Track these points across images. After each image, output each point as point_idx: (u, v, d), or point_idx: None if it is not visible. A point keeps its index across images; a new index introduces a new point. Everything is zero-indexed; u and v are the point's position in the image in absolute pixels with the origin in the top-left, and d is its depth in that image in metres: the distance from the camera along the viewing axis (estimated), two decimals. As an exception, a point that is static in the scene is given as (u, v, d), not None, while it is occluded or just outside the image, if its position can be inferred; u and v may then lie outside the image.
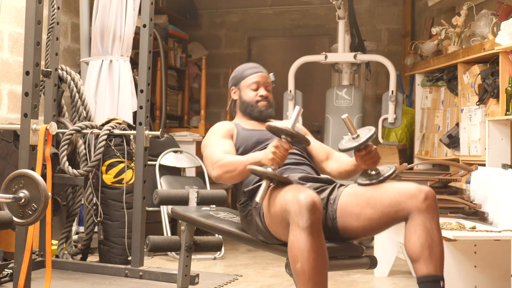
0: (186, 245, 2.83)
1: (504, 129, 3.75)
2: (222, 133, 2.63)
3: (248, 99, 2.70)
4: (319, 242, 2.02)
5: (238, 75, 2.76)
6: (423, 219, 2.10)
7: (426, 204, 2.11)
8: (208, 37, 7.16)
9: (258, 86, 2.70)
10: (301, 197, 2.03)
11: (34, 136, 2.88)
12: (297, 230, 2.01)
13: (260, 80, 2.71)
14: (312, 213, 2.01)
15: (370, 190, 2.25)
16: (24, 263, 2.79)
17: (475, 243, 2.78)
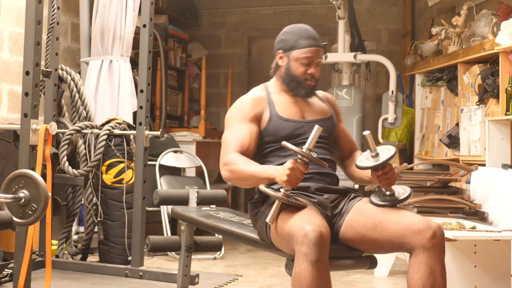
0: (186, 245, 2.83)
1: (504, 129, 3.75)
2: (249, 115, 2.37)
3: (295, 74, 2.40)
4: (326, 277, 1.99)
5: (290, 41, 2.40)
6: (428, 258, 2.06)
7: (433, 243, 2.06)
8: (208, 37, 7.16)
9: (309, 62, 2.39)
10: (309, 229, 1.98)
11: (34, 136, 2.88)
12: (304, 263, 1.97)
13: (314, 55, 2.39)
14: (320, 247, 1.97)
15: (380, 213, 2.19)
16: (24, 263, 2.79)
17: (475, 243, 2.78)
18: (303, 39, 2.38)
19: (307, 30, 2.41)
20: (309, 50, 2.37)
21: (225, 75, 6.86)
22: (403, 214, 2.15)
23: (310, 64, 2.38)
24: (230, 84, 6.14)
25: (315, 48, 2.38)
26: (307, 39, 2.38)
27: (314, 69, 2.39)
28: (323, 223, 2.05)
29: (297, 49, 2.38)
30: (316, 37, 2.40)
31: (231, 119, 2.39)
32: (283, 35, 2.44)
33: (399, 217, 2.14)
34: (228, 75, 6.22)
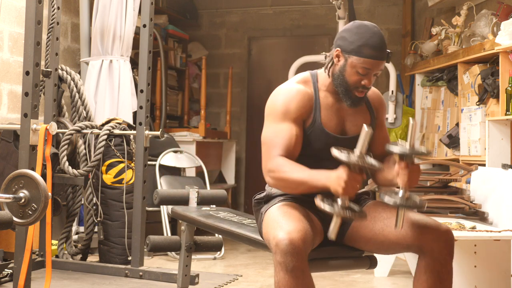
0: (186, 245, 2.83)
1: (504, 129, 3.75)
2: (294, 114, 2.16)
3: (348, 80, 2.17)
4: (306, 282, 1.96)
5: (353, 44, 2.14)
6: (435, 262, 2.05)
7: (441, 246, 2.05)
8: (208, 37, 7.16)
9: (367, 73, 2.15)
10: (279, 238, 1.94)
11: (34, 136, 2.88)
12: (280, 273, 1.95)
13: (374, 68, 2.15)
14: (293, 255, 1.93)
15: (388, 218, 2.15)
16: (24, 263, 2.79)
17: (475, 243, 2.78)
18: (368, 47, 2.12)
19: (374, 35, 2.13)
20: (370, 61, 2.13)
21: (225, 75, 6.86)
22: (412, 217, 2.12)
23: (367, 75, 2.16)
24: (230, 84, 6.14)
25: (378, 61, 2.14)
26: (371, 48, 2.12)
27: (369, 80, 2.16)
28: (296, 227, 1.98)
29: (358, 56, 2.13)
30: (382, 47, 2.13)
31: (273, 114, 2.18)
32: (347, 33, 2.17)
33: (411, 219, 2.11)
34: (228, 75, 6.22)
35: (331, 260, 2.25)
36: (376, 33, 2.14)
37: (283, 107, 2.17)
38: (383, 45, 2.14)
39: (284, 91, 2.22)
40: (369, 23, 2.17)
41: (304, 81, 2.27)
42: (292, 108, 2.17)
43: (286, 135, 2.14)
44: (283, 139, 2.13)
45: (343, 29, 2.20)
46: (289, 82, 2.29)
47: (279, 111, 2.17)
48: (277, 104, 2.19)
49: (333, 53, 2.20)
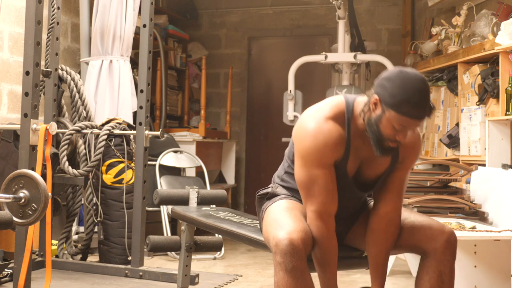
0: (186, 245, 2.83)
1: (504, 129, 3.75)
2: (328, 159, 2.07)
3: (383, 132, 2.02)
4: (305, 282, 1.98)
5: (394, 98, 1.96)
6: (438, 263, 2.09)
7: (445, 248, 2.09)
8: (208, 37, 7.16)
9: (403, 130, 2.00)
10: (279, 238, 1.96)
11: (34, 136, 2.88)
12: (280, 273, 1.97)
13: (412, 126, 2.00)
14: (292, 255, 1.95)
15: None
16: (24, 263, 2.79)
17: (475, 243, 2.78)
18: (410, 105, 1.94)
19: (418, 92, 1.94)
20: (409, 120, 1.96)
21: (225, 75, 6.86)
22: (415, 219, 2.15)
23: (402, 131, 2.00)
24: (230, 84, 6.14)
25: (418, 120, 1.97)
26: (413, 106, 1.94)
27: (404, 137, 2.01)
28: (296, 227, 1.99)
29: (396, 113, 1.95)
30: (425, 105, 1.95)
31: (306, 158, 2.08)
32: (389, 82, 1.98)
33: (411, 223, 2.14)
34: (228, 75, 6.22)
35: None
36: (421, 90, 1.95)
37: (316, 153, 2.06)
38: (426, 103, 1.96)
39: (317, 131, 2.05)
40: (414, 74, 1.97)
41: (337, 115, 2.09)
42: (326, 155, 2.06)
43: (323, 187, 2.07)
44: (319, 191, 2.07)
45: (386, 76, 2.01)
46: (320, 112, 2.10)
47: (312, 157, 2.06)
48: (309, 147, 2.06)
49: (371, 97, 2.03)
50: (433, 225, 2.11)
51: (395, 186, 2.17)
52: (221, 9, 7.12)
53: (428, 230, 2.09)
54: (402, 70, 1.99)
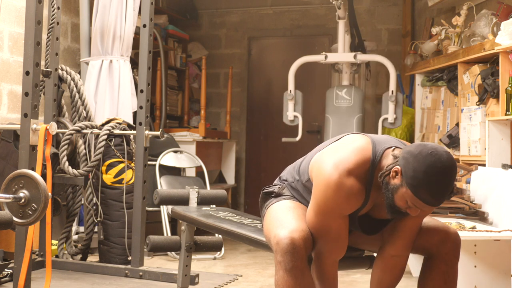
0: (186, 245, 2.83)
1: (504, 129, 3.75)
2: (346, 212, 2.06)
3: (396, 201, 1.99)
4: (305, 281, 1.99)
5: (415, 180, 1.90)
6: (442, 263, 2.12)
7: (449, 250, 2.11)
8: (208, 37, 7.16)
9: (415, 208, 1.98)
10: (280, 237, 1.97)
11: (34, 136, 2.88)
12: (280, 272, 1.98)
13: (425, 209, 1.98)
14: (293, 254, 1.96)
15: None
16: (24, 263, 2.79)
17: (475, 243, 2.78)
18: (428, 193, 1.90)
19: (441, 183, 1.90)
20: (423, 204, 1.94)
21: (225, 75, 6.86)
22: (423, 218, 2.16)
23: (415, 209, 1.97)
24: (230, 84, 6.14)
25: (432, 206, 1.96)
26: (432, 196, 1.91)
27: (415, 213, 1.98)
28: (298, 227, 2.00)
29: (413, 194, 1.92)
30: (444, 195, 1.92)
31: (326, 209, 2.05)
32: (415, 160, 1.91)
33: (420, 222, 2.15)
34: (228, 75, 6.22)
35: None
36: (444, 180, 1.90)
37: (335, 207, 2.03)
38: (446, 192, 1.92)
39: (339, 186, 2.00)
40: (444, 160, 1.89)
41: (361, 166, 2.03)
42: (344, 209, 2.04)
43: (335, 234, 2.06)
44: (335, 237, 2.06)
45: (413, 151, 1.94)
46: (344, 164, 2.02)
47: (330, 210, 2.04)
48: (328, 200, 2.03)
49: (393, 164, 1.99)
50: (438, 226, 2.14)
51: (405, 232, 2.12)
52: (221, 9, 7.12)
53: (434, 232, 2.12)
54: (434, 152, 1.91)
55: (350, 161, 2.02)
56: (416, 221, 2.11)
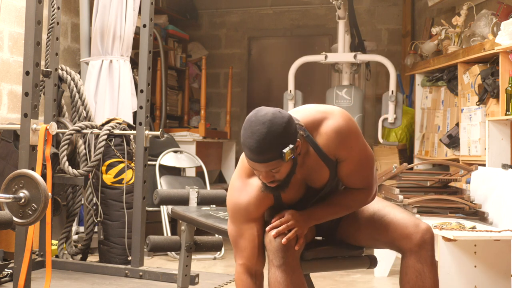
0: (186, 245, 2.83)
1: (504, 129, 3.75)
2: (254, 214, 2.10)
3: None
4: (295, 278, 2.01)
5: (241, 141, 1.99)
6: (415, 262, 2.06)
7: (420, 246, 2.05)
8: (208, 37, 7.16)
9: (258, 173, 2.01)
10: (272, 235, 2.04)
11: (34, 136, 2.88)
12: (273, 269, 2.03)
13: (258, 169, 1.97)
14: (283, 252, 2.01)
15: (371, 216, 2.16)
16: (24, 263, 2.79)
17: (475, 243, 2.78)
18: (246, 147, 1.93)
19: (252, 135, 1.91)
20: (251, 163, 1.96)
21: (225, 75, 6.86)
22: (393, 216, 2.13)
23: (259, 173, 1.99)
24: (230, 84, 6.14)
25: (257, 163, 1.93)
26: (248, 149, 1.93)
27: (265, 178, 1.98)
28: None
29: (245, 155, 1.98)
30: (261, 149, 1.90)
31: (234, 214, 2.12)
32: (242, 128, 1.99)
33: (392, 218, 2.13)
34: (228, 75, 6.22)
35: (331, 260, 2.26)
36: (256, 133, 1.91)
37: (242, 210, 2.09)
38: (261, 148, 1.89)
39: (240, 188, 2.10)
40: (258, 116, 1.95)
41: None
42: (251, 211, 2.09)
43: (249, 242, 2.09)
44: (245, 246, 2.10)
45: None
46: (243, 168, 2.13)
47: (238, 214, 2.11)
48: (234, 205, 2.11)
49: None
50: (408, 223, 2.08)
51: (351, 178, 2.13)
52: (221, 9, 7.12)
53: (403, 228, 2.07)
54: (253, 113, 1.98)
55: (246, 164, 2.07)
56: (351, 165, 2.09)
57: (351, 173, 2.12)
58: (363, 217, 2.20)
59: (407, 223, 2.09)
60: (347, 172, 2.11)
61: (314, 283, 2.35)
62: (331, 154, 2.07)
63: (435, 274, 2.08)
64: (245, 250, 2.10)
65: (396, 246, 2.11)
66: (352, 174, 2.13)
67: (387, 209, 2.18)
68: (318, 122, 2.06)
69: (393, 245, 2.13)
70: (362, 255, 2.30)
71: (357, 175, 2.13)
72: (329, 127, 2.04)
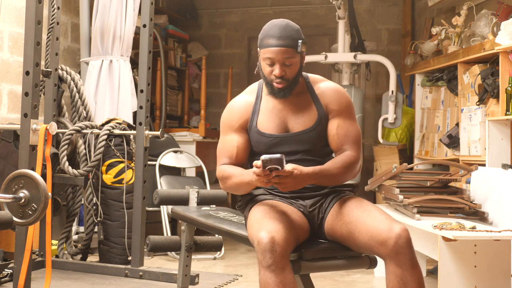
0: (186, 245, 2.83)
1: (504, 129, 3.75)
2: (235, 125, 2.34)
3: (265, 73, 2.31)
4: (284, 277, 2.00)
5: (260, 38, 2.32)
6: (395, 267, 2.01)
7: (396, 251, 1.99)
8: (208, 37, 7.16)
9: (272, 63, 2.26)
10: (260, 236, 2.04)
11: (34, 136, 2.88)
12: (261, 270, 2.04)
13: (276, 57, 2.24)
14: (272, 252, 2.01)
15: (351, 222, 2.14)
16: (24, 263, 2.79)
17: (475, 243, 2.78)
18: (268, 37, 2.26)
19: (275, 27, 2.27)
20: (270, 50, 2.24)
21: (225, 75, 6.86)
22: (368, 223, 2.09)
23: (274, 65, 2.26)
24: (230, 84, 6.14)
25: (277, 48, 2.23)
26: (271, 37, 2.25)
27: (279, 70, 2.24)
28: (278, 228, 2.05)
29: (262, 48, 2.28)
30: (282, 35, 2.25)
31: (221, 126, 2.41)
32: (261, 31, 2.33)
33: (365, 227, 2.09)
34: (228, 75, 6.22)
35: (331, 260, 2.25)
36: (277, 25, 2.28)
37: (226, 120, 2.38)
38: (282, 34, 2.25)
39: (229, 105, 2.41)
40: (280, 20, 2.32)
41: (251, 90, 2.43)
42: (233, 120, 2.35)
43: (229, 146, 2.34)
44: (226, 150, 2.34)
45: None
46: (239, 95, 2.45)
47: (224, 124, 2.38)
48: (223, 118, 2.40)
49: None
50: (382, 230, 2.04)
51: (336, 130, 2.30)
52: (221, 9, 7.12)
53: (378, 236, 2.03)
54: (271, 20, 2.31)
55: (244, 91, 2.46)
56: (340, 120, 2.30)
57: (339, 126, 2.30)
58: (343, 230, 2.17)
59: (381, 229, 2.04)
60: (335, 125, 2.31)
61: (314, 283, 2.35)
62: (324, 103, 2.33)
63: (418, 277, 2.02)
64: (225, 155, 2.34)
65: (376, 253, 2.08)
66: (340, 128, 2.30)
67: (361, 218, 2.13)
68: (320, 80, 2.41)
69: (373, 253, 2.11)
70: (362, 255, 2.29)
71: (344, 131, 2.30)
72: (329, 84, 2.39)
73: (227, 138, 2.36)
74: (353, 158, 2.27)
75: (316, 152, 2.33)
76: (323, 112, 2.32)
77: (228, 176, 2.28)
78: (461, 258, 2.76)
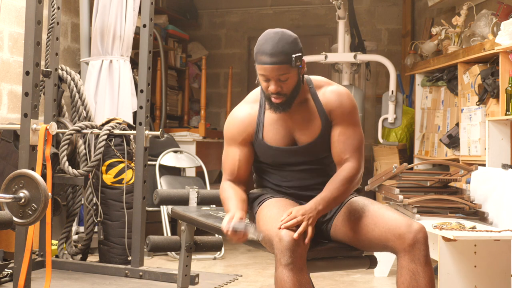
0: (186, 245, 2.83)
1: (504, 129, 3.75)
2: (237, 139, 2.31)
3: (262, 87, 2.25)
4: (302, 277, 2.01)
5: (255, 52, 2.20)
6: (409, 262, 2.04)
7: (413, 246, 2.04)
8: (208, 37, 7.16)
9: (267, 79, 2.18)
10: (282, 234, 2.03)
11: (34, 136, 2.88)
12: (280, 267, 2.02)
13: (270, 74, 2.16)
14: (293, 251, 2.01)
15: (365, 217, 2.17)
16: (24, 263, 2.79)
17: (475, 243, 2.78)
18: (261, 53, 2.15)
19: (267, 41, 2.15)
20: (263, 67, 2.16)
21: (225, 75, 6.86)
22: (387, 216, 2.13)
23: (269, 81, 2.18)
24: (230, 84, 6.14)
25: (270, 66, 2.13)
26: (263, 54, 2.14)
27: (274, 86, 2.17)
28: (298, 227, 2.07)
29: (257, 64, 2.18)
30: (274, 52, 2.13)
31: (224, 137, 2.38)
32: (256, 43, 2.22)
33: (383, 220, 2.12)
34: (228, 75, 6.22)
35: (331, 260, 2.26)
36: (270, 39, 2.15)
37: (229, 132, 2.34)
38: (275, 51, 2.13)
39: (230, 116, 2.37)
40: (275, 30, 2.19)
41: (252, 100, 2.37)
42: (235, 133, 2.32)
43: (231, 160, 2.33)
44: (228, 164, 2.33)
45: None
46: (241, 103, 2.40)
47: (227, 136, 2.35)
48: (226, 129, 2.36)
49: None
50: (400, 224, 2.08)
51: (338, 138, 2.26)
52: (221, 9, 7.12)
53: (396, 229, 2.07)
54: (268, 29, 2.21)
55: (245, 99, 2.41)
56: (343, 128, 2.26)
57: (340, 133, 2.26)
58: (355, 226, 2.19)
59: (400, 223, 2.09)
60: (337, 132, 2.27)
61: (314, 283, 2.35)
62: (327, 110, 2.27)
63: (430, 274, 2.06)
64: (228, 169, 2.33)
65: (390, 247, 2.10)
66: (341, 135, 2.26)
67: (377, 213, 2.16)
68: (325, 83, 2.34)
69: (386, 247, 2.12)
70: (362, 255, 2.29)
71: (345, 138, 2.26)
72: (333, 88, 2.32)
73: (230, 151, 2.34)
74: (353, 171, 2.23)
75: (321, 161, 2.33)
76: (327, 120, 2.28)
77: (223, 199, 2.31)
78: (461, 258, 2.76)
